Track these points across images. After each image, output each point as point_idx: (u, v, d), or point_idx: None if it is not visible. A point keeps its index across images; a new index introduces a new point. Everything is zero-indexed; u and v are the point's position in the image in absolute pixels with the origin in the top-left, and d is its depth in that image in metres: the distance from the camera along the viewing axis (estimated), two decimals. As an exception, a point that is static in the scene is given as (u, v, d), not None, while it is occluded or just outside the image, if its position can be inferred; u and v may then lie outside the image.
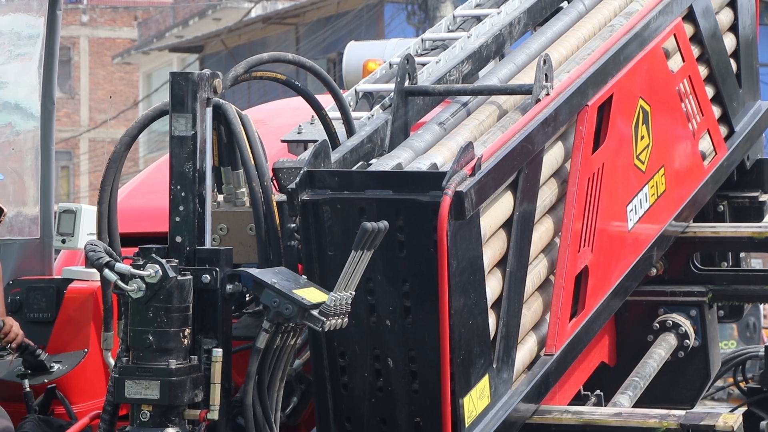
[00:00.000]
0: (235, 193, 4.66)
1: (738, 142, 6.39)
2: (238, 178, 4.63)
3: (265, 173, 4.51)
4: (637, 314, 5.96)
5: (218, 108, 4.47)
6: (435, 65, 5.29)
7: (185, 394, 4.17)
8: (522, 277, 4.81)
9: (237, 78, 4.69)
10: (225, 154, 4.57)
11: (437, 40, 5.62)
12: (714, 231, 6.19)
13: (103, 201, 4.57)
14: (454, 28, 5.76)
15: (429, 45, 5.59)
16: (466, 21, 5.77)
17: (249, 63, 4.72)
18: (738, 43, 6.46)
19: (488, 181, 4.53)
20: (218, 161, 4.57)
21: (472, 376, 4.50)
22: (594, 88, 5.20)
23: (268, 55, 4.81)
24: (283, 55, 4.89)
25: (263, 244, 4.49)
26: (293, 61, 4.92)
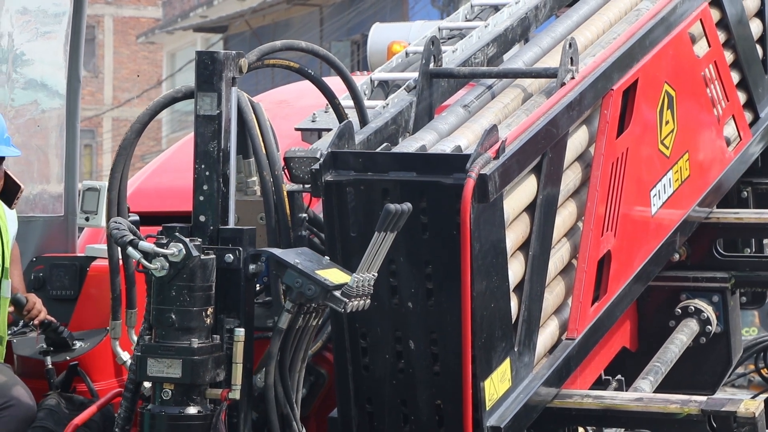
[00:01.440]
0: (246, 182, 4.66)
1: (763, 128, 6.36)
2: (249, 166, 4.63)
3: (276, 162, 4.51)
4: (660, 299, 5.94)
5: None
6: (461, 46, 5.28)
7: (207, 373, 4.17)
8: (544, 261, 4.81)
9: (250, 66, 4.63)
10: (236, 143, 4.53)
11: (454, 29, 5.60)
12: (737, 217, 6.17)
13: (113, 188, 4.57)
14: (472, 17, 5.75)
15: (446, 34, 5.57)
16: (483, 10, 5.75)
17: (261, 51, 4.69)
18: (765, 29, 6.44)
19: (512, 165, 4.53)
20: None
21: (493, 359, 4.50)
22: (619, 73, 5.18)
23: (280, 42, 4.80)
24: (296, 43, 4.87)
25: (273, 234, 4.49)
26: (306, 49, 4.89)
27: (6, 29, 5.51)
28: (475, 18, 5.70)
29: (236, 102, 4.43)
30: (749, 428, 4.75)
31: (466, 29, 5.51)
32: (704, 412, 4.80)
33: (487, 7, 5.75)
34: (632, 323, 5.91)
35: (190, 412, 4.17)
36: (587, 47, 5.36)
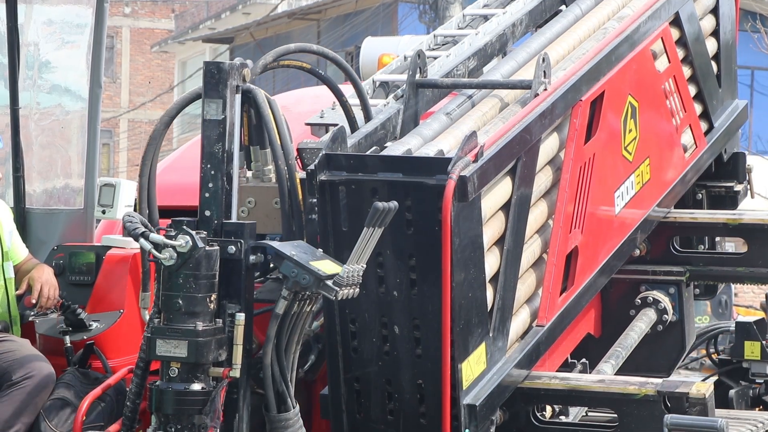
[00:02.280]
0: (262, 170, 4.66)
1: (717, 137, 6.35)
2: (266, 156, 4.62)
3: (290, 153, 4.51)
4: (621, 291, 5.94)
5: (249, 92, 4.46)
6: (444, 60, 5.27)
7: (210, 354, 4.16)
8: (518, 255, 4.79)
9: (266, 66, 4.68)
10: (254, 135, 4.57)
11: (448, 36, 5.59)
12: (693, 217, 6.16)
13: (143, 174, 4.55)
14: (464, 25, 5.74)
15: (441, 40, 5.57)
16: (474, 19, 5.74)
17: (277, 53, 4.71)
18: (719, 47, 6.42)
19: (489, 167, 4.51)
20: (248, 141, 4.56)
21: (470, 343, 4.49)
22: (588, 85, 5.17)
23: (295, 45, 4.82)
24: (309, 46, 4.90)
25: (287, 217, 4.48)
26: (317, 51, 4.92)
27: (33, 39, 5.49)
28: (467, 26, 5.69)
29: (240, 108, 4.42)
30: (700, 408, 4.74)
31: (458, 36, 5.50)
32: (660, 393, 4.80)
33: (478, 17, 5.75)
34: (596, 312, 5.90)
35: (194, 389, 4.16)
36: (559, 62, 5.34)
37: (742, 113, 6.65)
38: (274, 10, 32.17)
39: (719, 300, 13.31)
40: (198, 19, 40.32)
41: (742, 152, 6.72)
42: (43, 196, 5.48)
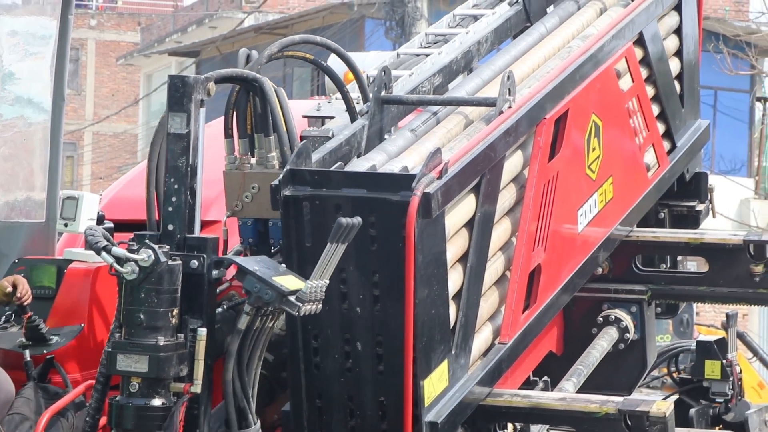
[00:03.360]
0: (266, 156, 4.68)
1: (679, 156, 6.38)
2: (269, 143, 4.66)
3: (295, 139, 4.60)
4: (584, 309, 5.94)
5: (255, 81, 4.56)
6: (408, 78, 5.27)
7: (171, 369, 4.14)
8: (481, 272, 4.79)
9: (271, 56, 4.77)
10: (258, 123, 4.63)
11: (411, 55, 5.59)
12: (655, 236, 6.18)
13: (152, 159, 4.54)
14: (426, 45, 5.74)
15: (403, 59, 5.57)
16: (438, 39, 5.74)
17: (282, 43, 4.83)
18: (682, 67, 6.45)
19: (453, 184, 4.51)
20: (252, 129, 4.66)
21: (432, 360, 4.48)
22: (552, 103, 5.18)
23: (299, 36, 4.98)
24: (312, 38, 5.06)
25: None
26: (321, 43, 5.04)
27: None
28: (429, 46, 5.69)
29: (204, 122, 4.42)
30: (660, 426, 4.75)
31: (421, 54, 5.52)
32: (621, 412, 4.80)
33: (440, 38, 5.76)
34: (559, 330, 5.90)
35: (154, 404, 4.13)
36: (524, 79, 5.35)
37: (705, 133, 6.68)
38: (240, 25, 32.17)
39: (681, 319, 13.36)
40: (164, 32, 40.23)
41: (705, 172, 6.75)
42: (4, 208, 5.43)
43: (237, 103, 4.66)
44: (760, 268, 5.99)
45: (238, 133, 4.69)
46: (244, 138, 4.66)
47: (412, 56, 5.53)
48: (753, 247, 6.00)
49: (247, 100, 4.61)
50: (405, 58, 5.55)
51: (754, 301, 6.13)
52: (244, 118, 4.65)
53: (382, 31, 24.54)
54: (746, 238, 6.04)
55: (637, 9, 5.90)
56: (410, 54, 5.56)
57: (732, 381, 6.87)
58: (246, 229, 4.71)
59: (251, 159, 4.69)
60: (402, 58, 5.56)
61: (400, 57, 5.57)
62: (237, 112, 4.67)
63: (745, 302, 6.19)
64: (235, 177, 4.68)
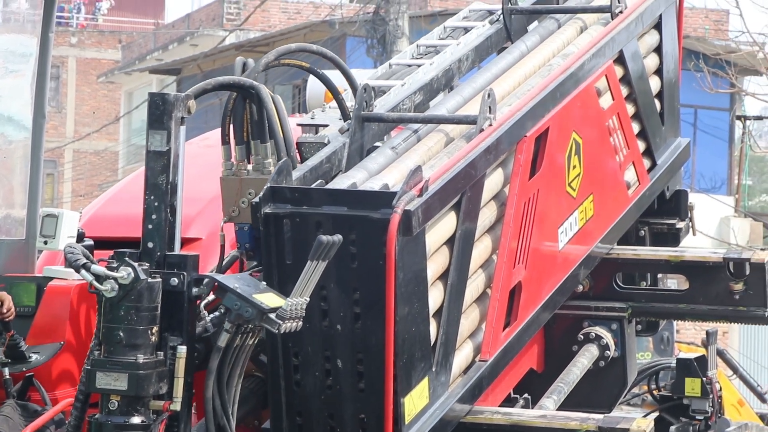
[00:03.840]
0: (262, 162, 4.72)
1: (659, 174, 6.39)
2: (266, 150, 4.70)
3: (291, 144, 4.67)
4: (564, 326, 5.95)
5: (252, 89, 4.63)
6: (387, 97, 5.29)
7: (151, 387, 4.13)
8: (462, 290, 4.79)
9: (268, 64, 4.85)
10: (255, 129, 4.69)
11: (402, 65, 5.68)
12: (635, 253, 6.20)
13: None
14: (417, 56, 5.83)
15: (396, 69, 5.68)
16: (429, 51, 5.81)
17: (279, 51, 4.90)
18: (662, 85, 6.47)
19: (434, 202, 4.52)
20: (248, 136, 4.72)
21: (413, 377, 4.47)
22: (532, 121, 5.19)
23: (295, 45, 5.03)
24: (308, 46, 5.12)
25: None
26: (316, 51, 5.12)
27: (-25, 68, 5.44)
28: (421, 57, 5.76)
29: (184, 139, 4.41)
30: (641, 444, 4.75)
31: (413, 65, 5.58)
32: (601, 429, 4.80)
33: (431, 49, 5.80)
34: (539, 347, 5.91)
35: (134, 422, 4.11)
36: (504, 97, 5.36)
37: (685, 151, 6.70)
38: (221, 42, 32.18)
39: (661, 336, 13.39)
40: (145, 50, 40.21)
41: (685, 190, 6.77)
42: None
43: (234, 111, 4.73)
44: (740, 285, 6.00)
45: (235, 139, 4.75)
46: (241, 144, 4.72)
47: (404, 66, 5.59)
48: (732, 265, 6.02)
49: (244, 108, 4.68)
50: (397, 68, 5.62)
51: (733, 319, 6.15)
52: (241, 125, 4.72)
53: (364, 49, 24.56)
54: (726, 256, 6.06)
55: (617, 27, 5.92)
56: (402, 65, 5.62)
57: (712, 398, 6.88)
58: (242, 234, 4.72)
59: (248, 165, 4.74)
60: (394, 69, 5.63)
61: (392, 67, 5.64)
62: (234, 119, 4.73)
63: (725, 320, 6.21)
64: (232, 183, 4.72)
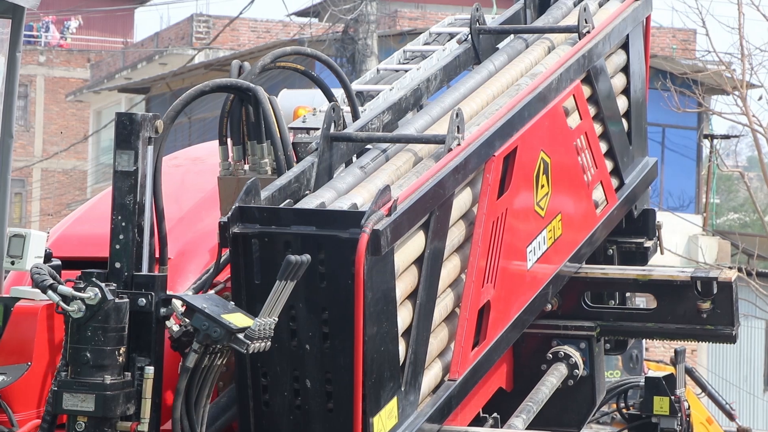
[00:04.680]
0: (259, 162, 4.85)
1: (627, 193, 6.42)
2: (262, 150, 4.84)
3: (288, 144, 4.81)
4: (533, 345, 5.96)
5: (249, 91, 4.77)
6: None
7: (118, 407, 4.11)
8: (430, 309, 4.79)
9: (264, 67, 5.00)
10: (251, 130, 4.83)
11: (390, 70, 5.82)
12: (603, 272, 6.21)
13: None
14: (404, 61, 5.93)
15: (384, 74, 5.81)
16: (416, 55, 5.89)
17: (275, 54, 5.07)
18: (630, 105, 6.51)
19: (403, 221, 4.52)
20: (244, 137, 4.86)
21: (382, 397, 4.47)
22: (500, 141, 5.20)
23: (290, 48, 5.21)
24: (303, 49, 5.34)
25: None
26: (311, 54, 5.33)
27: (-58, 87, 5.40)
28: (408, 62, 5.92)
29: (152, 159, 4.40)
30: (610, 462, 4.76)
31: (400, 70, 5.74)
32: (570, 448, 4.81)
33: (418, 54, 5.85)
34: (508, 366, 5.91)
35: (101, 443, 4.09)
36: (472, 117, 5.37)
37: (653, 170, 6.73)
38: (190, 61, 32.14)
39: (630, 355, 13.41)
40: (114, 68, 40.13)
41: (652, 209, 6.80)
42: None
43: (231, 112, 4.87)
44: (707, 304, 6.03)
45: (232, 140, 4.90)
46: (238, 145, 4.86)
47: (391, 71, 5.76)
48: (700, 284, 6.04)
49: (241, 109, 4.82)
50: (385, 73, 5.75)
51: (701, 338, 6.17)
52: (238, 126, 4.85)
53: (333, 68, 24.56)
54: (693, 275, 6.08)
55: (584, 47, 5.94)
56: (390, 69, 5.78)
57: (680, 417, 6.90)
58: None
59: (245, 165, 4.88)
60: (382, 74, 5.77)
61: (380, 72, 5.78)
62: (231, 120, 4.88)
63: (693, 338, 6.23)
64: (230, 182, 4.87)
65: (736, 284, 6.09)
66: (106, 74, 40.19)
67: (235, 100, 4.85)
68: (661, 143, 27.38)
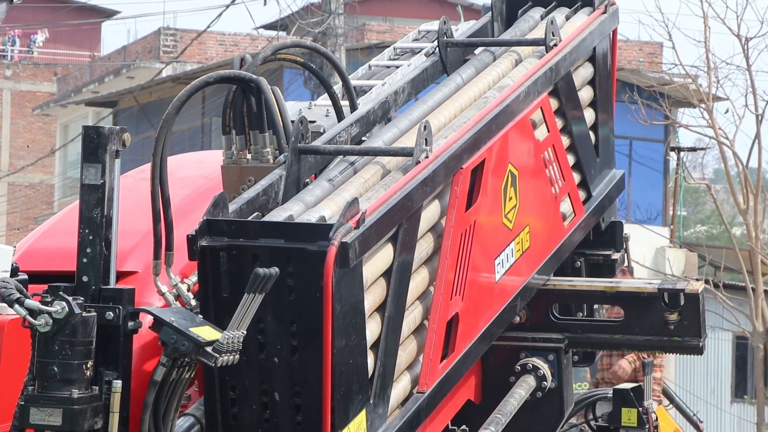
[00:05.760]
0: (261, 152, 4.94)
1: (595, 206, 6.44)
2: (264, 139, 4.93)
3: (291, 134, 4.89)
4: (501, 357, 5.96)
5: (251, 82, 4.87)
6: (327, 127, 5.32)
7: (86, 422, 4.09)
8: (399, 322, 4.80)
9: (265, 59, 5.11)
10: (253, 120, 4.94)
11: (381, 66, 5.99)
12: (571, 284, 6.23)
13: (156, 153, 4.67)
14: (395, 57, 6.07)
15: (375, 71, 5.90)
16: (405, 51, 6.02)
17: (275, 47, 5.19)
18: (597, 117, 6.53)
19: (371, 234, 4.52)
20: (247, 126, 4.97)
21: (350, 410, 4.47)
22: (468, 153, 5.22)
23: (291, 41, 5.37)
24: (303, 42, 5.52)
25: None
26: (310, 46, 5.48)
27: None
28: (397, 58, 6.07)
29: (119, 173, 4.39)
30: (579, 474, 4.77)
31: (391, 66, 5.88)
32: (539, 460, 4.81)
33: (407, 51, 5.92)
34: (477, 378, 5.92)
35: (68, 458, 4.07)
36: (440, 129, 5.39)
37: (620, 182, 6.76)
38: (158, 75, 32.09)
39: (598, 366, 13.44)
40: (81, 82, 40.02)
41: (620, 221, 6.82)
42: None
43: (234, 103, 4.98)
44: (675, 316, 6.05)
45: (235, 130, 4.99)
46: (241, 135, 4.96)
47: (382, 68, 5.88)
48: (667, 296, 6.07)
49: (243, 100, 4.93)
50: (376, 69, 5.88)
51: (669, 349, 6.19)
52: (241, 116, 4.96)
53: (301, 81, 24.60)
54: (660, 287, 6.11)
55: (551, 60, 5.97)
56: (381, 66, 5.89)
57: (648, 428, 6.93)
58: None
59: (247, 154, 4.98)
60: (374, 70, 5.92)
61: (371, 69, 5.93)
62: (234, 110, 4.98)
63: (661, 350, 6.25)
64: (233, 171, 4.97)
65: (703, 296, 6.12)
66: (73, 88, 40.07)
67: (238, 91, 4.98)
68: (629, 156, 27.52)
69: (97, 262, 4.29)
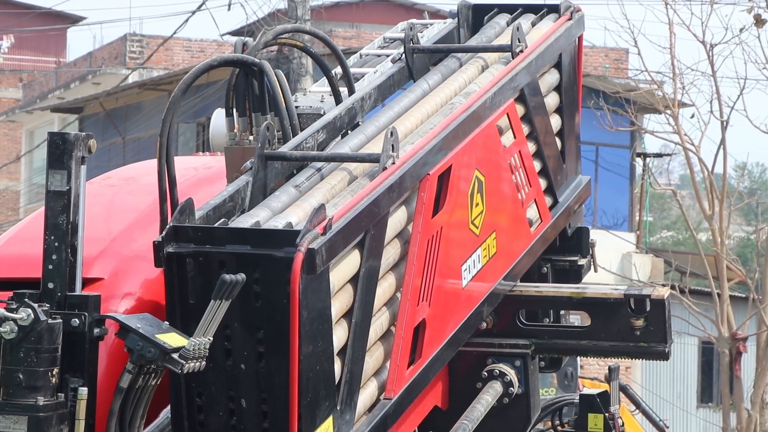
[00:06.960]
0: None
1: (561, 212, 6.46)
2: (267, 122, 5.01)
3: (293, 114, 5.04)
4: (468, 363, 5.97)
5: (254, 65, 4.98)
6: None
7: (51, 429, 4.07)
8: (366, 328, 4.80)
9: (267, 43, 5.24)
10: (256, 103, 5.06)
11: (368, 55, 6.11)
12: (538, 290, 6.24)
13: (163, 134, 4.73)
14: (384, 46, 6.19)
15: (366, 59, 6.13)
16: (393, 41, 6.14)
17: (276, 31, 5.33)
18: (563, 123, 6.56)
19: (338, 240, 4.52)
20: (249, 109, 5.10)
21: (317, 416, 4.46)
22: (435, 159, 5.22)
23: (291, 26, 5.53)
24: (303, 27, 5.89)
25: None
26: (309, 31, 5.77)
27: None
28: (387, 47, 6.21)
29: (85, 179, 4.38)
30: (546, 480, 4.78)
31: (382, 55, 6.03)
32: (506, 466, 4.82)
33: (397, 41, 6.10)
34: (444, 384, 5.92)
35: (34, 466, 4.05)
36: (407, 135, 5.39)
37: (586, 188, 6.78)
38: (124, 81, 31.97)
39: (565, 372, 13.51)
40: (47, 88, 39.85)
41: (586, 227, 6.85)
42: None
43: (236, 86, 5.09)
44: (641, 321, 6.07)
45: (237, 112, 5.12)
46: (243, 117, 5.09)
47: (373, 57, 6.06)
48: (633, 301, 6.09)
49: (246, 82, 5.04)
50: (368, 58, 6.05)
51: (635, 355, 6.21)
52: (243, 98, 5.08)
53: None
54: (627, 293, 6.13)
55: (517, 66, 5.99)
56: (372, 54, 6.08)
57: (615, 434, 6.94)
58: None
59: (249, 136, 5.10)
60: (365, 59, 6.07)
61: (362, 57, 6.09)
62: (236, 93, 5.10)
63: (627, 356, 6.28)
64: (236, 152, 5.11)
65: (668, 301, 6.15)
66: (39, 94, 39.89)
67: (240, 74, 5.08)
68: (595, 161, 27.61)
69: (63, 269, 4.27)
